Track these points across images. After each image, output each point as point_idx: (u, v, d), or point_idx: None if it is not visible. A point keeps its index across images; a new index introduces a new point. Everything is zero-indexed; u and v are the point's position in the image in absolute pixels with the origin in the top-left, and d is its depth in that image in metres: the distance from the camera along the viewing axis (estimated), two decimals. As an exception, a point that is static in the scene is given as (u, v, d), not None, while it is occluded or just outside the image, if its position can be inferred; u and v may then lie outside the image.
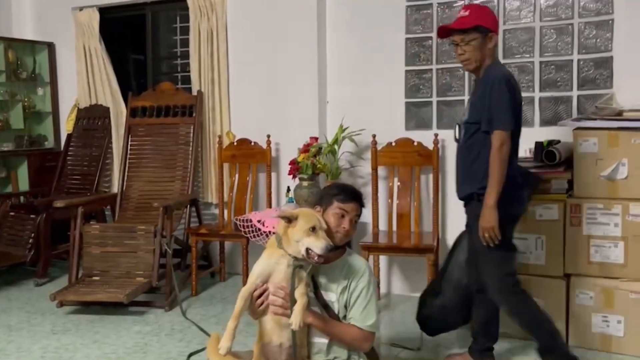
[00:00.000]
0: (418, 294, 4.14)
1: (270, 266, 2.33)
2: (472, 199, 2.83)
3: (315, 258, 2.25)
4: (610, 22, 3.71)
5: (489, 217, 2.67)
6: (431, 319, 3.20)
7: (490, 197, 2.66)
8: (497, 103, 2.68)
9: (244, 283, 4.13)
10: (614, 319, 3.18)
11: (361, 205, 2.48)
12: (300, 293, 2.28)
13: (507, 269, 2.83)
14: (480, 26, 2.75)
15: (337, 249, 2.39)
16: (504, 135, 2.66)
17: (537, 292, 3.32)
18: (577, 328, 3.27)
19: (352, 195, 2.46)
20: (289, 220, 2.30)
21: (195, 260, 4.42)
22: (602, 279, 3.21)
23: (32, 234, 4.79)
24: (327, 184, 4.17)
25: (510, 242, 2.85)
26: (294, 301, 2.26)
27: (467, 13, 2.81)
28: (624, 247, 3.15)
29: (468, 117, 2.84)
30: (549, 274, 3.33)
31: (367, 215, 4.30)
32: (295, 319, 2.22)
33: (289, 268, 2.29)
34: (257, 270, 2.36)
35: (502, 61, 3.97)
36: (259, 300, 2.33)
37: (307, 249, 2.24)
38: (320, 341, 2.40)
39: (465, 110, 2.93)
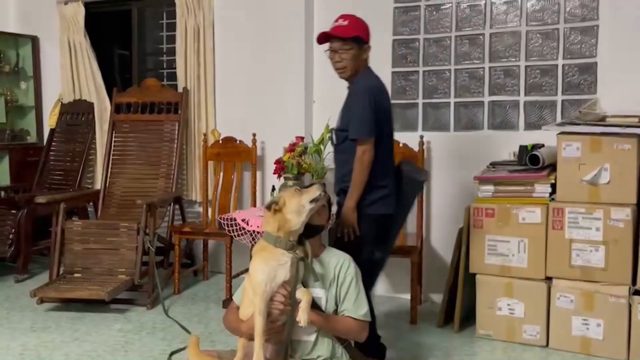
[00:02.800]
0: (401, 295, 4.19)
1: (274, 269, 2.27)
2: (340, 194, 2.97)
3: (322, 201, 2.34)
4: (595, 28, 3.75)
5: (349, 217, 2.82)
6: None
7: (350, 200, 2.81)
8: (357, 114, 2.82)
9: (227, 282, 4.16)
10: (593, 322, 3.21)
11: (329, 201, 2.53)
12: (303, 291, 2.27)
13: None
14: (359, 37, 2.88)
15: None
16: (366, 144, 2.79)
17: (519, 294, 3.36)
18: (557, 331, 3.30)
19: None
20: (275, 204, 2.32)
21: (178, 259, 4.39)
22: (582, 283, 3.24)
23: (13, 230, 4.73)
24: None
25: (375, 241, 2.91)
26: (294, 297, 2.26)
27: (346, 23, 2.91)
28: (604, 251, 3.19)
29: (339, 124, 2.97)
30: (530, 276, 3.36)
31: (351, 215, 4.31)
32: (303, 316, 2.21)
33: (292, 265, 2.27)
34: (263, 278, 2.26)
35: (488, 65, 4.02)
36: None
37: (311, 201, 2.30)
38: (306, 339, 2.40)
39: (338, 116, 3.02)
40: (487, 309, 3.44)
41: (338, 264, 2.45)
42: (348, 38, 2.87)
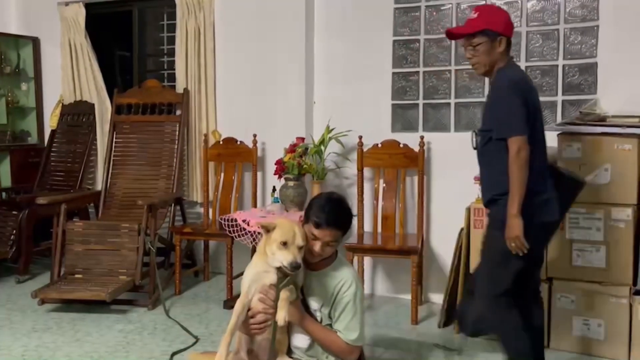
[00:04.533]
0: (402, 295, 4.19)
1: (259, 275, 2.33)
2: (490, 204, 2.75)
3: (288, 271, 2.26)
4: (596, 28, 3.75)
5: (513, 226, 2.54)
6: (466, 319, 3.10)
7: (512, 206, 2.53)
8: (506, 110, 2.59)
9: (228, 283, 4.16)
10: (594, 323, 3.21)
11: (341, 230, 2.39)
12: (285, 289, 2.29)
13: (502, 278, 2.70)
14: (488, 30, 2.67)
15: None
16: (520, 141, 2.53)
17: (520, 295, 3.36)
18: (558, 331, 3.30)
19: (328, 222, 2.33)
20: (267, 230, 2.31)
21: (179, 259, 4.39)
22: (583, 283, 3.24)
23: (14, 231, 4.73)
24: (313, 185, 4.19)
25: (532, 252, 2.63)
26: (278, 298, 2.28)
27: (475, 15, 2.73)
28: (606, 252, 3.19)
29: (482, 125, 2.78)
30: (531, 277, 3.35)
31: (352, 216, 4.31)
32: (280, 313, 2.23)
33: (276, 276, 2.30)
34: (247, 280, 2.35)
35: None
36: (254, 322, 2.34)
37: (283, 262, 2.26)
38: (300, 346, 2.41)
39: (482, 117, 2.86)
40: (487, 309, 3.44)
41: (340, 282, 2.39)
42: (475, 32, 2.68)
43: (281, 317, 2.23)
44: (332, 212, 2.37)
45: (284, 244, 2.25)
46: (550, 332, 3.32)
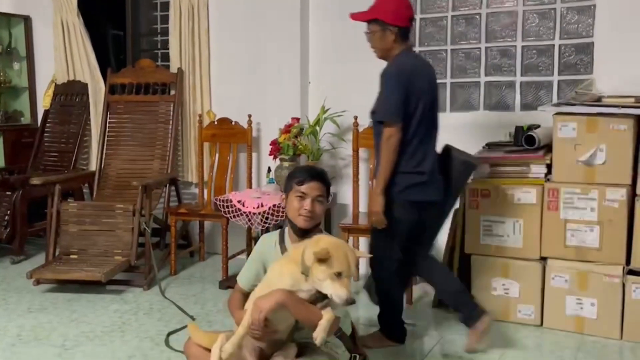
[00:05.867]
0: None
1: (290, 287, 2.18)
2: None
3: (339, 305, 2.14)
4: (592, 7, 3.72)
5: (375, 203, 2.78)
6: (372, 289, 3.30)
7: (378, 185, 2.78)
8: (385, 96, 2.80)
9: (224, 263, 4.17)
10: (587, 302, 3.24)
11: (324, 183, 2.41)
12: (326, 311, 2.17)
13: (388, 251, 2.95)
14: (379, 19, 2.84)
15: (308, 233, 2.35)
16: (392, 126, 2.75)
17: (514, 274, 3.38)
18: (551, 310, 3.33)
19: (310, 175, 2.38)
20: (322, 260, 2.11)
21: (174, 240, 4.40)
22: (577, 263, 3.26)
23: (8, 211, 4.72)
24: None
25: (400, 226, 2.89)
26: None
27: (373, 3, 2.90)
28: (599, 232, 3.20)
29: (374, 106, 2.94)
30: (525, 256, 3.37)
31: (347, 196, 4.32)
32: (320, 334, 2.13)
33: (307, 294, 2.19)
34: (279, 285, 2.20)
35: (485, 45, 4.00)
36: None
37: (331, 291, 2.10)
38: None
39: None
40: (482, 289, 3.46)
41: None
42: (368, 20, 2.85)
43: (320, 339, 2.14)
44: (312, 168, 2.47)
45: (339, 274, 2.10)
46: (544, 311, 3.35)
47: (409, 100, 2.79)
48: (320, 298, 2.20)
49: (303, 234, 2.38)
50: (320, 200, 2.38)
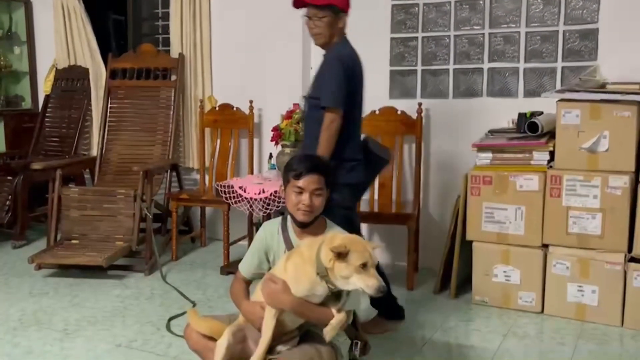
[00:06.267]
0: (398, 262, 4.21)
1: (311, 292, 2.14)
2: None
3: (373, 295, 2.09)
4: (597, -7, 3.69)
5: None
6: None
7: None
8: (329, 81, 2.81)
9: (225, 249, 4.17)
10: (589, 289, 3.23)
11: (323, 174, 2.31)
12: (338, 309, 2.15)
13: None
14: (334, 6, 2.86)
15: (309, 225, 2.32)
16: (335, 113, 2.77)
17: (515, 261, 3.38)
18: (552, 297, 3.33)
19: (307, 168, 2.27)
20: (341, 255, 2.06)
21: (175, 225, 4.39)
22: (579, 250, 3.25)
23: (9, 196, 4.72)
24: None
25: (345, 209, 2.89)
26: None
27: None
28: (601, 219, 3.19)
29: (311, 92, 2.95)
30: (527, 244, 3.36)
31: (349, 183, 4.30)
32: (331, 332, 2.12)
33: (320, 297, 2.15)
34: (293, 289, 2.15)
35: (488, 31, 3.97)
36: None
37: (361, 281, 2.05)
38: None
39: (311, 84, 3.01)
40: (483, 275, 3.46)
41: None
42: (322, 5, 2.86)
43: (329, 337, 2.13)
44: (309, 160, 2.36)
45: (364, 266, 2.06)
46: (545, 299, 3.35)
47: (351, 87, 2.84)
48: (331, 300, 2.16)
49: (304, 225, 2.34)
50: (319, 193, 2.29)
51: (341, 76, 2.80)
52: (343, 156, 2.85)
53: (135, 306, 3.50)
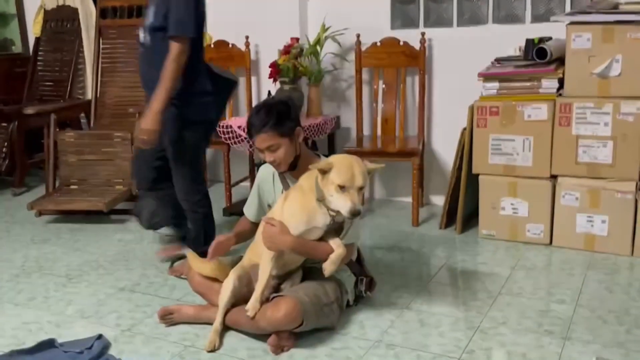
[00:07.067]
0: (402, 198, 4.15)
1: (310, 219, 2.16)
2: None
3: (347, 218, 2.10)
4: None
5: (152, 121, 2.65)
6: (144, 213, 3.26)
7: (158, 103, 2.63)
8: (181, 8, 2.62)
9: (227, 190, 4.10)
10: (598, 219, 3.16)
11: (274, 128, 2.27)
12: (338, 244, 2.17)
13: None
14: None
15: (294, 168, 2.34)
16: (184, 43, 2.62)
17: (523, 193, 3.30)
18: (561, 228, 3.27)
19: (256, 128, 2.30)
20: (324, 172, 2.08)
21: (175, 168, 4.31)
22: (589, 180, 3.17)
23: (6, 143, 4.64)
24: (310, 88, 4.04)
25: (198, 147, 2.96)
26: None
27: None
28: (612, 147, 3.09)
29: (152, 22, 2.73)
30: (535, 175, 3.28)
31: (350, 119, 4.19)
32: (330, 267, 2.16)
33: (322, 229, 2.16)
34: (298, 225, 2.17)
35: (494, -48, 3.75)
36: None
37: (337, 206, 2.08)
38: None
39: (149, 12, 2.78)
40: (490, 209, 3.40)
41: None
42: None
43: (329, 272, 2.16)
44: (257, 118, 2.32)
45: (342, 187, 2.05)
46: (553, 230, 3.29)
47: (200, 17, 2.71)
48: (331, 236, 2.16)
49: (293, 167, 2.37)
50: (275, 147, 2.29)
51: (192, 3, 2.63)
52: (194, 89, 2.75)
53: (139, 250, 3.46)
